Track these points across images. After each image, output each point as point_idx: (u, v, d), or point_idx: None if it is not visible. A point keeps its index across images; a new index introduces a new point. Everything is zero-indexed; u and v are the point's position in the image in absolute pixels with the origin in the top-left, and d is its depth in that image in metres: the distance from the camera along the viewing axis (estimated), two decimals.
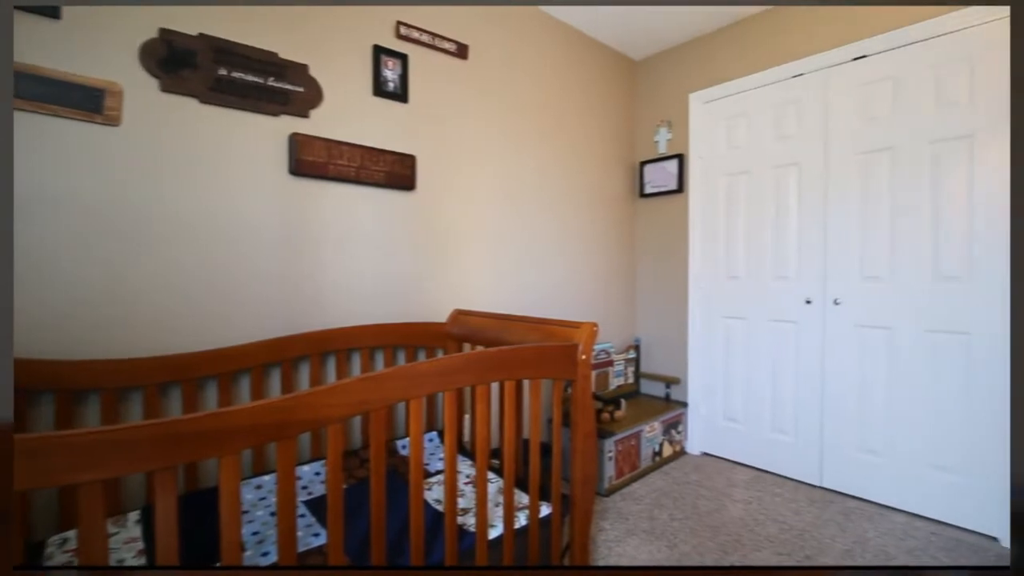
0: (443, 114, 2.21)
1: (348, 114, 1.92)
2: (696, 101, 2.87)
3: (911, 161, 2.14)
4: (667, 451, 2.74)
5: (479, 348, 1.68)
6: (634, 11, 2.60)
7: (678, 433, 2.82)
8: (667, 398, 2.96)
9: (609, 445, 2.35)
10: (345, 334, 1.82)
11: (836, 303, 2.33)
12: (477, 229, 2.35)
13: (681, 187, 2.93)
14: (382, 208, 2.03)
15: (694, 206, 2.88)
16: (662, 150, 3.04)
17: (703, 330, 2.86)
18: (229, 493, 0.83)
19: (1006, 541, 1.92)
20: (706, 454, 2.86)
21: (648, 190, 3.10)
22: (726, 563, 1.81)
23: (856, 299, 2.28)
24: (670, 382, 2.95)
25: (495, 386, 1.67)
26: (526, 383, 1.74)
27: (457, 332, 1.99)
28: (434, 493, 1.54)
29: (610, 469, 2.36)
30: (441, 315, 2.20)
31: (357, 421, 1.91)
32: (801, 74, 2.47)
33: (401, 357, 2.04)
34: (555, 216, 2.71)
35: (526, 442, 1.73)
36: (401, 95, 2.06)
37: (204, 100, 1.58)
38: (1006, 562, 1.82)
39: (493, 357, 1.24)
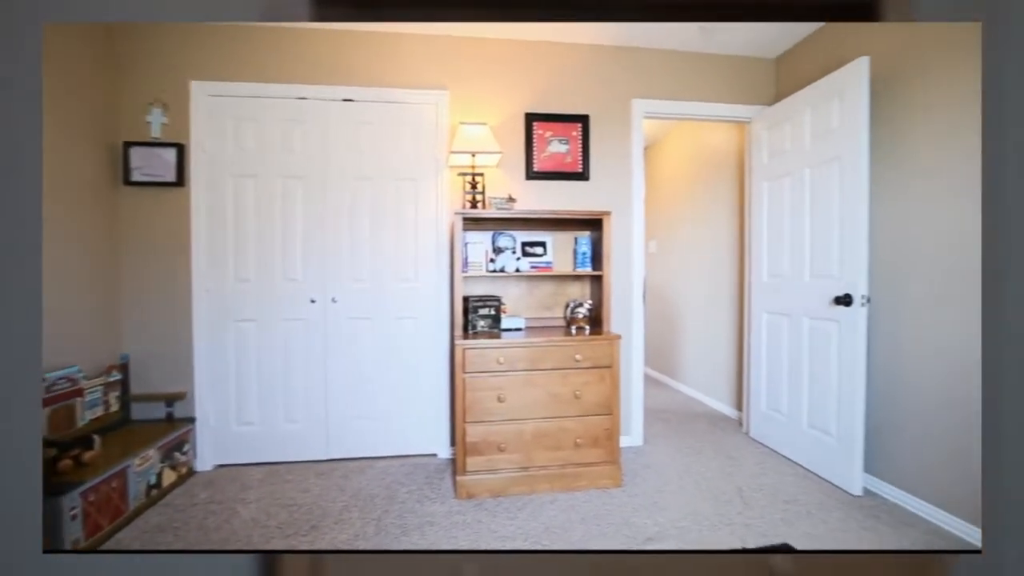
0: None
1: None
2: (201, 91, 2.51)
3: (385, 190, 2.65)
4: (169, 479, 2.27)
5: None
6: None
7: (183, 454, 2.40)
8: (169, 417, 2.46)
9: (73, 500, 1.70)
10: None
11: (334, 301, 2.61)
12: None
13: (182, 180, 2.50)
14: None
15: (199, 203, 2.52)
16: (156, 134, 2.50)
17: (212, 336, 2.55)
18: None
19: (442, 454, 2.70)
20: (220, 466, 2.57)
21: (137, 177, 2.47)
22: None
23: (348, 297, 2.63)
24: (173, 399, 2.46)
25: None
26: None
27: None
28: None
29: (75, 530, 1.71)
30: None
31: None
32: (305, 98, 2.60)
33: None
34: None
35: None
36: None
37: None
38: (444, 467, 2.55)
39: None
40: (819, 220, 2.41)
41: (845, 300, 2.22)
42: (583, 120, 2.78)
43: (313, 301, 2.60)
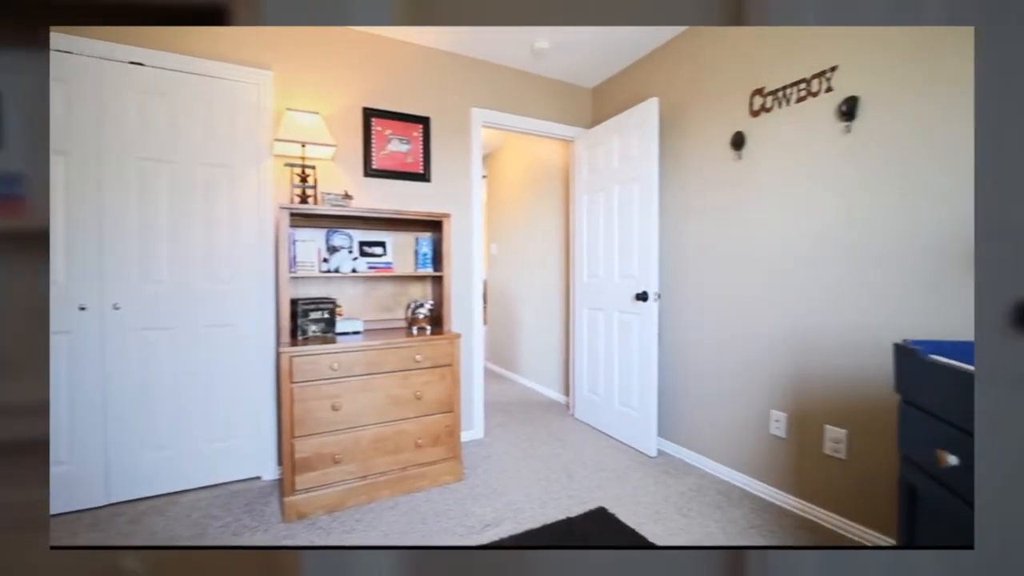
0: None
1: None
2: None
3: (192, 177, 2.23)
4: None
5: None
6: None
7: None
8: None
9: None
10: None
11: (116, 308, 2.10)
12: None
13: None
14: None
15: None
16: None
17: None
18: None
19: (268, 476, 2.39)
20: None
21: None
22: None
23: (137, 303, 2.14)
24: None
25: None
26: None
27: None
28: None
29: None
30: None
31: None
32: (70, 52, 2.03)
33: None
34: None
35: None
36: None
37: None
38: (270, 489, 2.25)
39: None
40: (624, 230, 2.82)
41: (643, 296, 2.65)
42: (424, 122, 2.76)
43: (83, 308, 2.04)
